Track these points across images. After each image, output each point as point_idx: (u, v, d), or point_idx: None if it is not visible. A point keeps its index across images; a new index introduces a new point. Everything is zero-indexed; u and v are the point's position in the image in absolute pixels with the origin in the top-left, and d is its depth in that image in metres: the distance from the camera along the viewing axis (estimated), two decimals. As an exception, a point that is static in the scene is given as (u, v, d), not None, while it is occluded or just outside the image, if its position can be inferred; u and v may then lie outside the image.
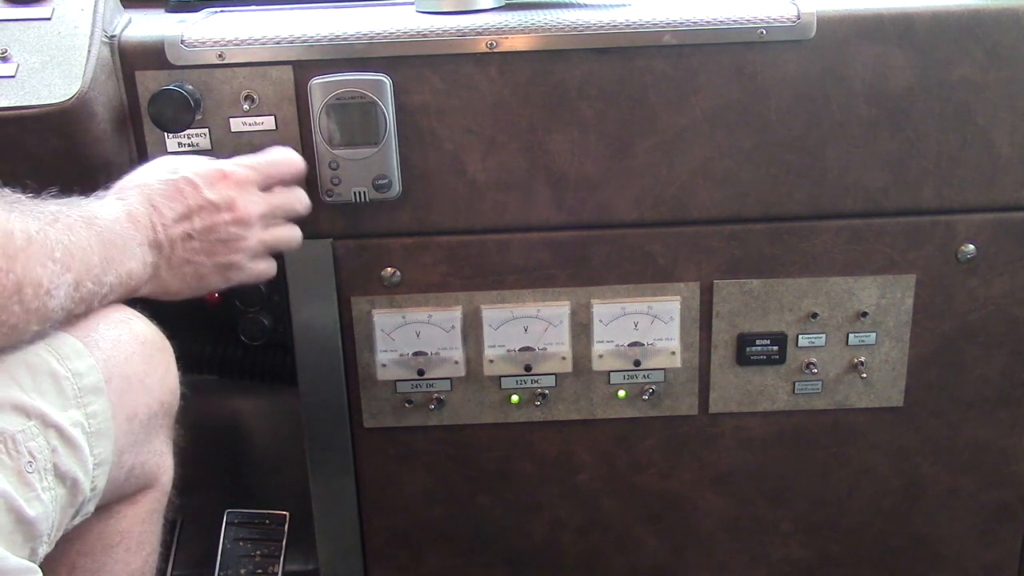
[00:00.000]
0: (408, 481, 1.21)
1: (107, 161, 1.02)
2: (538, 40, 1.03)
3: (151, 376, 0.86)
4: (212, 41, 1.03)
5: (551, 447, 1.20)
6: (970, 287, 1.13)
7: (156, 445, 0.90)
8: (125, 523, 0.90)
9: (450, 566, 1.25)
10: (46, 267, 0.73)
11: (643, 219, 1.10)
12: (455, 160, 1.07)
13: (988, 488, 1.21)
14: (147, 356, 0.86)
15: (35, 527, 0.72)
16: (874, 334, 1.14)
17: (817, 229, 1.11)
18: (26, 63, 0.98)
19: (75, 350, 0.78)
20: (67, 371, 0.76)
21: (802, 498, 1.22)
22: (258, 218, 0.96)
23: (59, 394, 0.75)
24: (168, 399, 0.89)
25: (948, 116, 1.06)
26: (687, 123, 1.06)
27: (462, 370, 1.15)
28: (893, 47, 1.03)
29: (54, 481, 0.74)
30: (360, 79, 1.02)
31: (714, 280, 1.12)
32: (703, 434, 1.19)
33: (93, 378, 0.78)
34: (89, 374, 0.78)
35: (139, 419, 0.84)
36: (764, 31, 1.02)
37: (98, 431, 0.78)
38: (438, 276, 1.12)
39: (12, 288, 0.70)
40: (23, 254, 0.71)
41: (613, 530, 1.24)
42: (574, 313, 1.13)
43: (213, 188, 0.93)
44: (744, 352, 1.15)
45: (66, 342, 0.78)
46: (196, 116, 1.02)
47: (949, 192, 1.09)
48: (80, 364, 0.78)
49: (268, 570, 1.26)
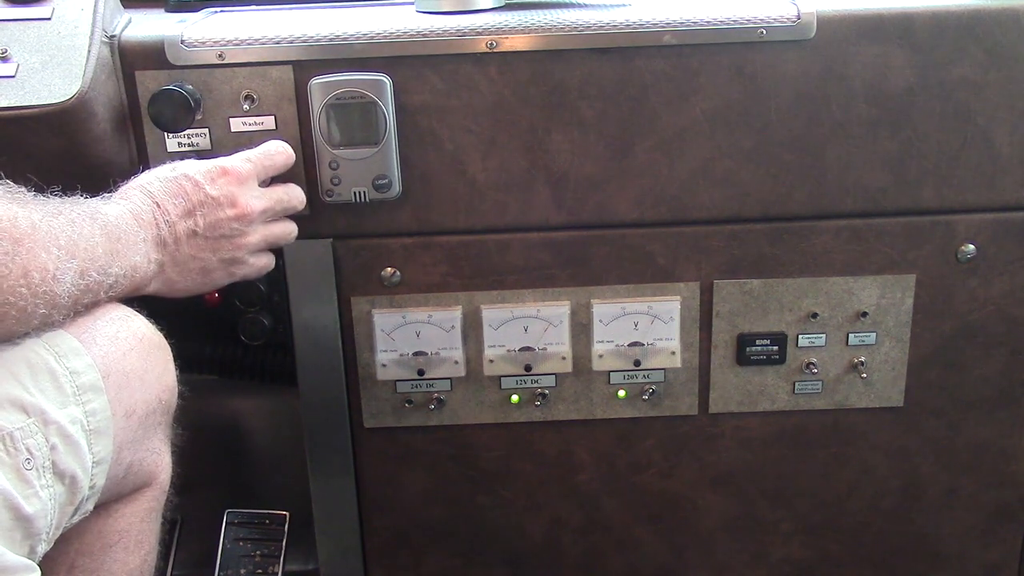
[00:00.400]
0: (408, 481, 1.21)
1: (107, 161, 1.02)
2: (538, 40, 1.03)
3: (149, 373, 0.86)
4: (212, 41, 1.03)
5: (551, 447, 1.20)
6: (970, 287, 1.13)
7: (154, 443, 0.90)
8: (124, 522, 0.90)
9: (450, 566, 1.25)
10: (51, 253, 0.74)
11: (643, 219, 1.10)
12: (455, 160, 1.07)
13: (988, 488, 1.21)
14: (144, 353, 0.86)
15: (34, 524, 0.72)
16: (874, 334, 1.14)
17: (817, 229, 1.11)
18: (26, 63, 0.98)
19: (72, 348, 0.78)
20: (65, 369, 0.76)
21: (802, 498, 1.22)
22: (259, 213, 0.98)
23: (58, 391, 0.75)
24: (166, 397, 0.90)
25: (948, 116, 1.06)
26: (687, 123, 1.06)
27: (462, 370, 1.15)
28: (893, 47, 1.03)
29: (52, 479, 0.74)
30: (360, 79, 1.02)
31: (714, 280, 1.12)
32: (703, 434, 1.19)
33: (91, 376, 0.78)
34: (87, 372, 0.78)
35: (137, 416, 0.84)
36: (764, 31, 1.03)
37: (97, 429, 0.78)
38: (438, 276, 1.12)
39: (19, 272, 0.71)
40: (28, 239, 0.72)
41: (613, 530, 1.24)
42: (574, 313, 1.13)
43: (214, 184, 0.94)
44: (744, 352, 1.15)
45: (64, 340, 0.78)
46: (196, 116, 1.02)
47: (949, 192, 1.09)
48: (78, 362, 0.78)
49: (268, 570, 1.26)
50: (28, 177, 0.82)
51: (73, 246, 0.77)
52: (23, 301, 0.72)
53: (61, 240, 0.76)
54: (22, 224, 0.73)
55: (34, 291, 0.73)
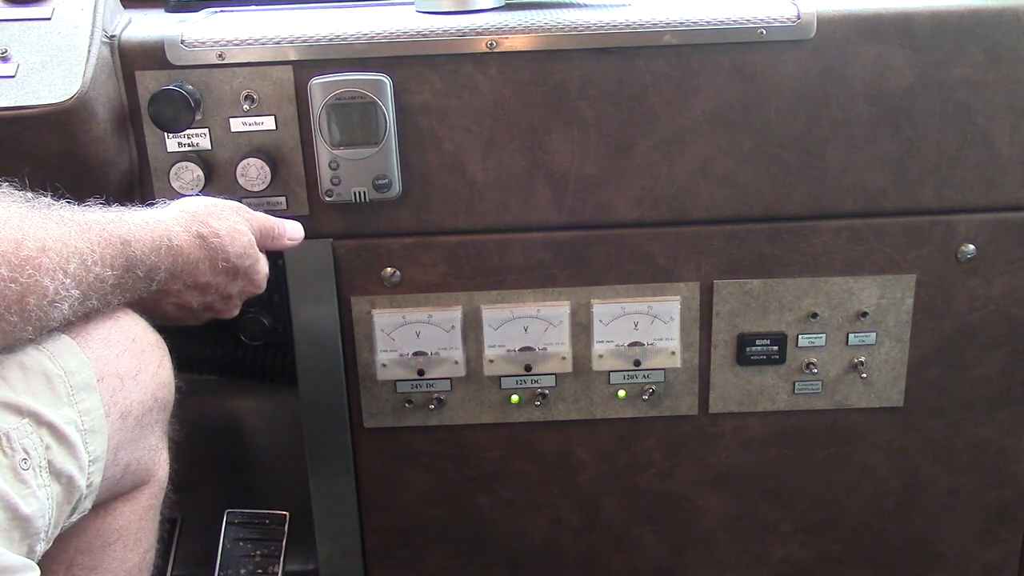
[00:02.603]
0: (408, 481, 1.21)
1: (107, 161, 1.02)
2: (538, 40, 1.03)
3: (143, 372, 0.86)
4: (212, 41, 1.03)
5: (551, 447, 1.20)
6: (970, 287, 1.13)
7: (151, 441, 0.90)
8: (122, 520, 0.90)
9: (450, 566, 1.25)
10: (56, 279, 0.72)
11: (643, 219, 1.10)
12: (455, 160, 1.07)
13: (988, 488, 1.21)
14: (138, 352, 0.86)
15: (32, 524, 0.72)
16: (874, 334, 1.14)
17: (817, 229, 1.11)
18: (26, 63, 0.98)
19: (67, 347, 0.78)
20: (59, 369, 0.76)
21: (802, 498, 1.22)
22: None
23: (52, 393, 0.75)
24: (162, 395, 0.89)
25: (948, 116, 1.06)
26: (687, 123, 1.06)
27: (462, 370, 1.15)
28: (893, 47, 1.03)
29: (49, 478, 0.74)
30: (360, 79, 1.02)
31: (714, 280, 1.12)
32: (703, 434, 1.19)
33: (85, 375, 0.78)
34: (80, 371, 0.78)
35: (133, 416, 0.84)
36: (764, 31, 1.03)
37: (91, 428, 0.78)
38: (438, 276, 1.12)
39: (13, 298, 0.69)
40: (31, 264, 0.70)
41: (613, 530, 1.24)
42: (574, 313, 1.13)
43: (237, 281, 0.95)
44: (744, 352, 1.15)
45: (58, 339, 0.78)
46: (196, 116, 1.02)
47: (949, 192, 1.09)
48: (72, 361, 0.77)
49: (268, 570, 1.26)
50: (27, 180, 0.82)
51: (84, 272, 0.75)
52: (8, 326, 0.70)
53: (71, 265, 0.74)
54: (28, 247, 0.70)
55: (26, 317, 0.71)
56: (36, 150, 0.98)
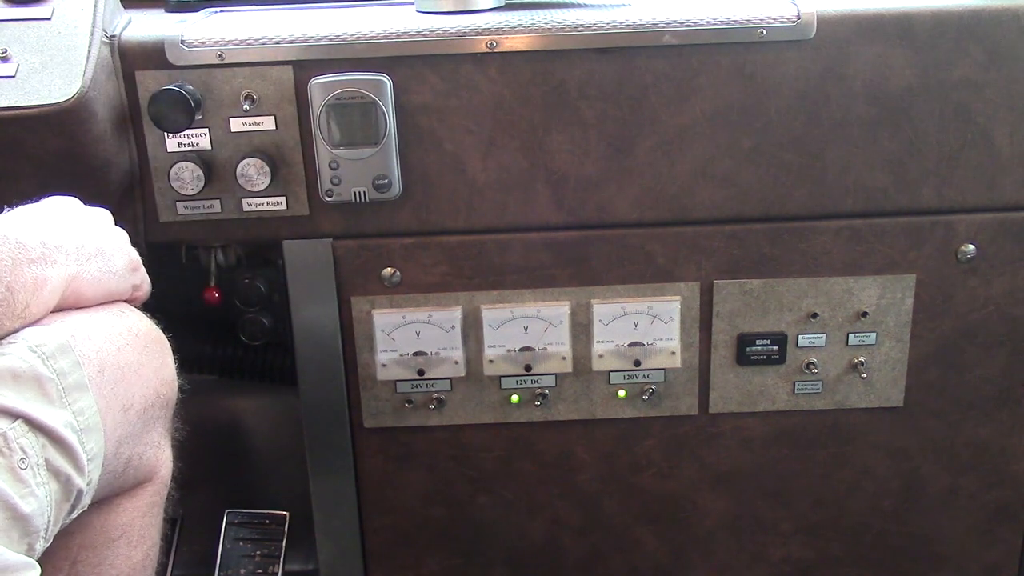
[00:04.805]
0: (408, 481, 1.21)
1: (107, 161, 1.02)
2: (538, 40, 1.03)
3: (145, 367, 0.86)
4: (212, 41, 1.03)
5: (551, 447, 1.20)
6: (970, 287, 1.13)
7: (153, 437, 0.90)
8: (126, 516, 0.90)
9: (450, 566, 1.25)
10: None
11: (643, 219, 1.10)
12: (455, 160, 1.07)
13: (988, 488, 1.21)
14: (141, 347, 0.86)
15: (31, 523, 0.72)
16: (874, 334, 1.14)
17: (817, 229, 1.11)
18: (26, 63, 0.98)
19: (60, 346, 0.77)
20: (51, 371, 0.76)
21: (802, 498, 1.22)
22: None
23: (44, 399, 0.75)
24: (164, 391, 0.89)
25: (948, 116, 1.06)
26: (687, 123, 1.06)
27: (462, 370, 1.15)
28: (893, 47, 1.03)
29: (47, 476, 0.74)
30: (360, 79, 1.02)
31: (714, 280, 1.12)
32: (703, 434, 1.19)
33: (76, 376, 0.78)
34: (72, 372, 0.77)
35: (134, 410, 0.84)
36: (764, 31, 1.03)
37: (87, 427, 0.78)
38: (438, 276, 1.12)
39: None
40: None
41: (613, 530, 1.24)
42: (574, 313, 1.13)
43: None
44: (744, 352, 1.15)
45: (51, 338, 0.77)
46: (196, 116, 1.02)
47: (949, 192, 1.09)
48: (64, 362, 0.77)
49: (268, 570, 1.26)
50: (27, 179, 0.82)
51: None
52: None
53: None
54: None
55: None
56: (36, 150, 0.98)
